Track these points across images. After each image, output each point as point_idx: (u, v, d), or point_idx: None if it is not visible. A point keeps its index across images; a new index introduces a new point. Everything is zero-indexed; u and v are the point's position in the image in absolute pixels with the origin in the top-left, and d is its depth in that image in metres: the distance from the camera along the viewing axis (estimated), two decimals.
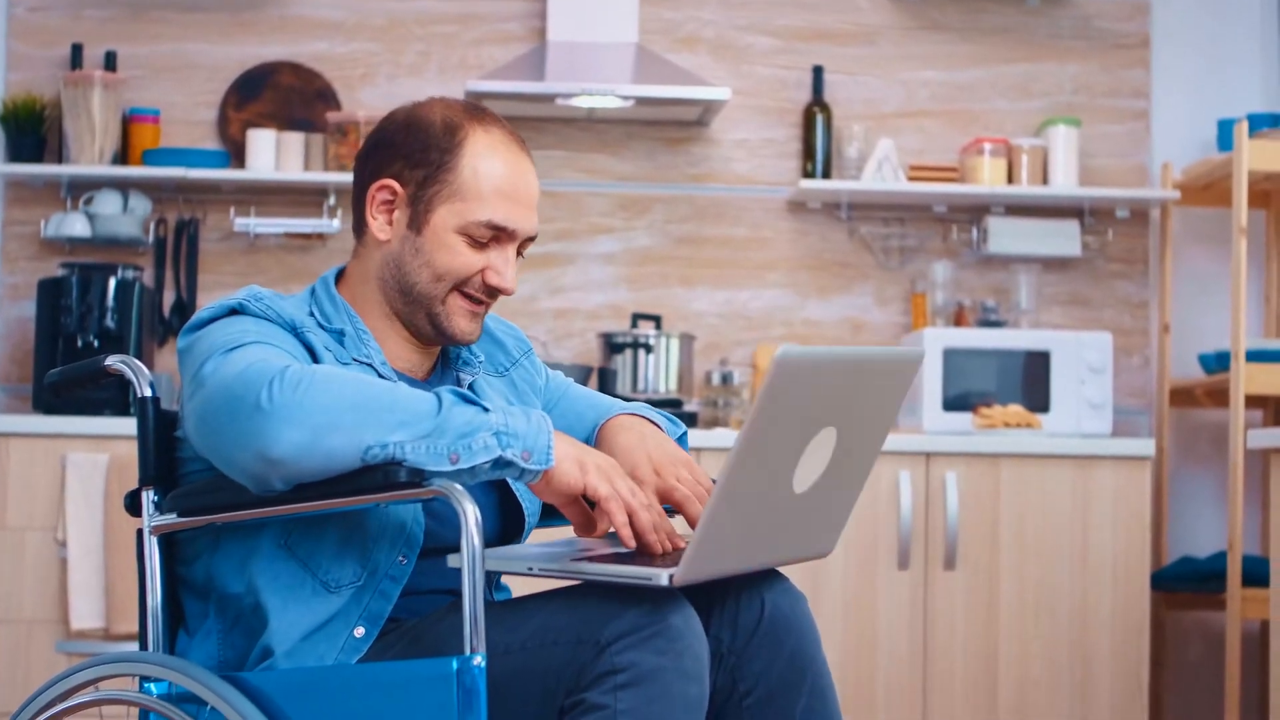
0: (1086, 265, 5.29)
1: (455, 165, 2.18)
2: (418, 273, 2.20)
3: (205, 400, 2.02)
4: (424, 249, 2.20)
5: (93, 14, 5.15)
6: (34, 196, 5.12)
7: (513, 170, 2.21)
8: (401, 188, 2.20)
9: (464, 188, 2.18)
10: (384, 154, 2.22)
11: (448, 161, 2.18)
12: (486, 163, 2.19)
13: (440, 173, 2.18)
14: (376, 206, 2.22)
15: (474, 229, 2.19)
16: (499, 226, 2.19)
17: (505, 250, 2.21)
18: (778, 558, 2.12)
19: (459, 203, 2.18)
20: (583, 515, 2.10)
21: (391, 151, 2.21)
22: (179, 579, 2.20)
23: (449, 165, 2.18)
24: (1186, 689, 5.20)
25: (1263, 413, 5.24)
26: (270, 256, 5.16)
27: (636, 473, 2.17)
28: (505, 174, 2.20)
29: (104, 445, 4.52)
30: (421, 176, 2.19)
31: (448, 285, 2.20)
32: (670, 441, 2.25)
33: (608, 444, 2.24)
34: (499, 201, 2.18)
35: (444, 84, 5.15)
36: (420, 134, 2.20)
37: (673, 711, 1.92)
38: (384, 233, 2.22)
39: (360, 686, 1.97)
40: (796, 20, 5.26)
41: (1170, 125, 5.34)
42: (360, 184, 2.24)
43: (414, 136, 2.20)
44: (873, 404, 2.08)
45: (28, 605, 4.49)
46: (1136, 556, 4.65)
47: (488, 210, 2.18)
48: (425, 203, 2.19)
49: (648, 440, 2.22)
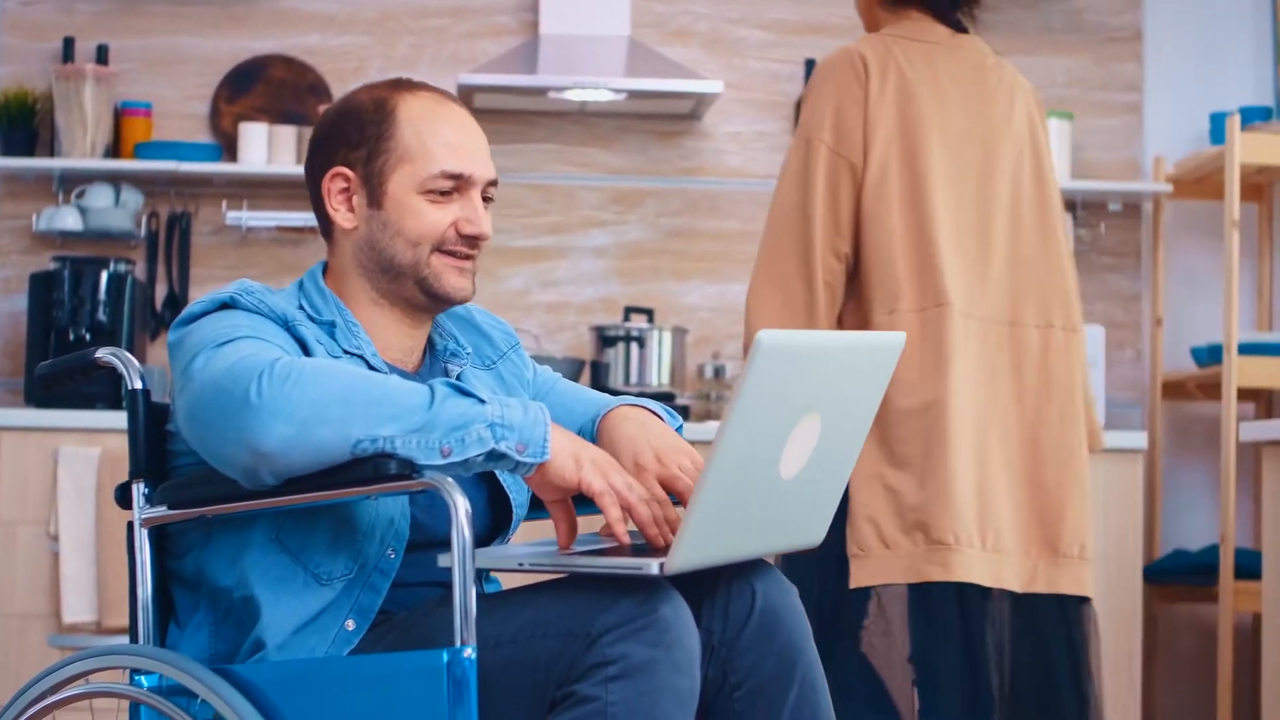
0: (1079, 258, 5.29)
1: (394, 133, 2.21)
2: (392, 245, 2.21)
3: (195, 395, 2.02)
4: (391, 221, 2.21)
5: (84, 7, 5.15)
6: (26, 190, 5.11)
7: (451, 122, 2.23)
8: (352, 171, 2.22)
9: (409, 149, 2.20)
10: (326, 148, 2.25)
11: (386, 131, 2.21)
12: (423, 121, 2.21)
13: (382, 143, 2.21)
14: (334, 198, 2.24)
15: (432, 183, 2.20)
16: (454, 174, 2.21)
17: (469, 198, 2.23)
18: (768, 546, 2.13)
19: (408, 164, 2.20)
20: (568, 521, 2.09)
21: (331, 144, 2.24)
22: (170, 572, 2.20)
23: (388, 134, 2.21)
24: (1179, 682, 5.21)
25: (1255, 406, 5.25)
26: (262, 250, 5.16)
27: (640, 460, 2.17)
28: (445, 126, 2.22)
29: (96, 439, 4.52)
30: (366, 155, 2.21)
31: (426, 248, 2.21)
32: (671, 431, 2.25)
33: (610, 435, 2.24)
34: (446, 152, 2.21)
35: (435, 77, 5.15)
36: (353, 118, 2.23)
37: (663, 703, 1.92)
38: (349, 221, 2.23)
39: (351, 679, 1.97)
40: (788, 13, 5.26)
41: (1162, 119, 5.34)
42: (314, 184, 2.26)
43: (348, 122, 2.23)
44: (856, 389, 2.09)
45: (19, 599, 4.49)
46: (1129, 549, 4.65)
47: (438, 162, 2.20)
48: (378, 177, 2.21)
49: (650, 430, 2.22)
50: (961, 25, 3.26)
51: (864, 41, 3.18)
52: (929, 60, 3.18)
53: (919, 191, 3.10)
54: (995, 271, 3.15)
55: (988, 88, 3.22)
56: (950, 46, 3.22)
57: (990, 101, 3.20)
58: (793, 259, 3.13)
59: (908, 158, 3.12)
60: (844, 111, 3.12)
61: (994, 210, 3.16)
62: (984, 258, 3.14)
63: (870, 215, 3.11)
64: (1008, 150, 3.20)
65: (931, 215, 3.09)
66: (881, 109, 3.11)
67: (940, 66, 3.18)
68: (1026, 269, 3.17)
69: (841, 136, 3.11)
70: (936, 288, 3.08)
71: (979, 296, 3.13)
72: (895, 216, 3.10)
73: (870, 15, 3.29)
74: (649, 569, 1.92)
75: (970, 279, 3.12)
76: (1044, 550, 3.16)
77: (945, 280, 3.07)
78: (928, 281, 3.08)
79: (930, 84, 3.15)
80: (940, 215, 3.10)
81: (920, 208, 3.10)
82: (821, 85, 3.15)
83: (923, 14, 3.23)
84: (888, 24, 3.24)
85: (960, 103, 3.17)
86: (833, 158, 3.11)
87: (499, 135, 5.17)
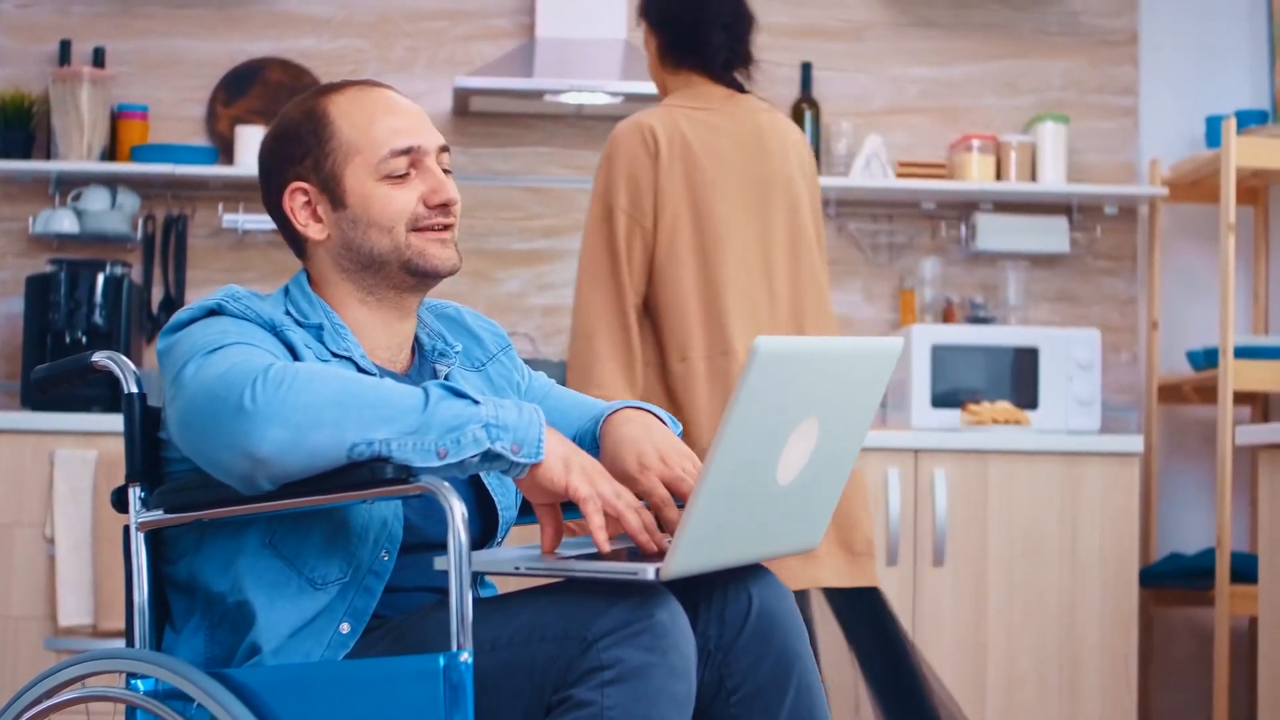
0: (1075, 262, 5.29)
1: (333, 133, 2.21)
2: (366, 236, 2.21)
3: (188, 403, 2.02)
4: (359, 215, 2.21)
5: (81, 10, 5.14)
6: (22, 193, 5.11)
7: (382, 104, 2.24)
8: (306, 182, 2.22)
9: (352, 142, 2.21)
10: (274, 172, 2.26)
11: (324, 134, 2.21)
12: (357, 112, 2.22)
13: (325, 146, 2.21)
14: (299, 213, 2.24)
15: (387, 166, 2.20)
16: (404, 149, 2.21)
17: (427, 169, 2.23)
18: (764, 551, 2.13)
19: (358, 156, 2.20)
20: (554, 525, 2.10)
21: (279, 165, 2.25)
22: (164, 577, 2.20)
23: (328, 135, 2.21)
24: (1175, 686, 5.21)
25: (1251, 409, 5.25)
26: (258, 253, 5.15)
27: (644, 460, 2.17)
28: (379, 110, 2.23)
29: (92, 442, 4.52)
30: (313, 163, 2.22)
31: (402, 231, 2.21)
32: (674, 435, 2.25)
33: (614, 434, 2.23)
34: (388, 133, 2.21)
35: (432, 80, 5.15)
36: (289, 133, 2.24)
37: (659, 708, 1.92)
38: (319, 232, 2.23)
39: (347, 683, 1.97)
40: (785, 16, 5.26)
41: (1158, 122, 5.35)
42: (276, 208, 2.26)
43: (286, 139, 2.24)
44: (853, 394, 2.09)
45: (15, 602, 4.49)
46: (1125, 553, 4.65)
47: (385, 143, 2.20)
48: (333, 178, 2.21)
49: (654, 432, 2.22)
50: (737, 84, 3.67)
51: (652, 114, 3.57)
52: (711, 126, 3.58)
53: (707, 250, 3.52)
54: (780, 314, 3.59)
55: (763, 144, 3.62)
56: (728, 109, 3.62)
57: (765, 157, 3.61)
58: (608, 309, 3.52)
59: (695, 218, 3.53)
60: (636, 179, 3.53)
61: (775, 259, 3.59)
62: (769, 302, 3.58)
63: (663, 271, 3.53)
64: (782, 200, 3.62)
65: (719, 271, 3.52)
66: (670, 176, 3.52)
67: (721, 130, 3.59)
68: (803, 306, 3.62)
69: (635, 202, 3.52)
70: (723, 337, 3.51)
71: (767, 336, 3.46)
72: (686, 272, 3.52)
73: (658, 79, 3.71)
74: (645, 574, 1.92)
75: (758, 324, 3.55)
76: (842, 551, 3.62)
77: (731, 330, 3.51)
78: (715, 332, 3.51)
79: (712, 148, 3.56)
80: (727, 270, 3.53)
81: (709, 265, 3.52)
82: (615, 155, 3.55)
83: (701, 77, 3.64)
84: (674, 87, 3.65)
85: (739, 162, 3.58)
86: (628, 221, 3.52)
87: (495, 138, 5.17)
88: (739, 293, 3.54)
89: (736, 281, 3.54)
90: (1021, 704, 4.60)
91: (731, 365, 3.49)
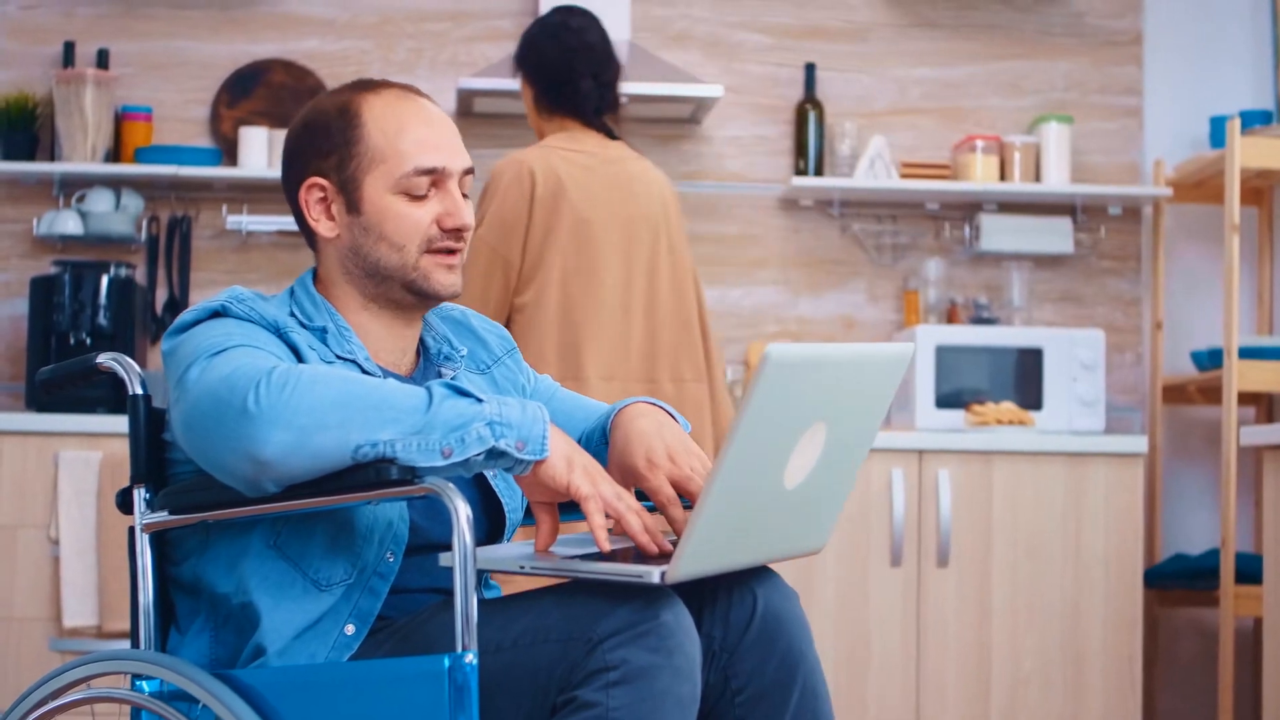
0: (1079, 262, 5.29)
1: (362, 136, 2.20)
2: (375, 250, 2.20)
3: (193, 405, 2.02)
4: (371, 225, 2.20)
5: (85, 12, 5.15)
6: (26, 194, 5.11)
7: (417, 116, 2.22)
8: (326, 180, 2.21)
9: (379, 150, 2.19)
10: (297, 160, 2.24)
11: (353, 135, 2.20)
12: (389, 120, 2.20)
13: (351, 148, 2.20)
14: (313, 209, 2.23)
15: (407, 183, 2.19)
16: (428, 169, 2.20)
17: (447, 191, 2.22)
18: (769, 554, 2.12)
19: (381, 165, 2.19)
20: (551, 523, 2.09)
21: (302, 155, 2.24)
22: (169, 578, 2.20)
23: (356, 138, 2.20)
24: (1179, 686, 5.21)
25: (1255, 410, 5.25)
26: (262, 254, 5.16)
27: (652, 457, 2.16)
28: (411, 122, 2.21)
29: (96, 443, 4.52)
30: (337, 161, 2.20)
31: (413, 250, 2.20)
32: (684, 433, 2.24)
33: (625, 428, 2.22)
34: (417, 148, 2.19)
35: (435, 81, 5.16)
36: (320, 126, 2.22)
37: (665, 709, 1.92)
38: (330, 230, 2.23)
39: (352, 684, 1.97)
40: (788, 17, 5.26)
41: (1162, 122, 5.35)
42: (292, 197, 2.26)
43: (315, 131, 2.23)
44: (863, 400, 2.08)
45: (20, 603, 4.49)
46: (1129, 554, 4.65)
47: (411, 159, 2.19)
48: (352, 182, 2.20)
49: (665, 429, 2.21)
50: (608, 129, 3.90)
51: (531, 154, 3.81)
52: (586, 168, 3.81)
53: (569, 283, 3.76)
54: (634, 342, 3.80)
55: (630, 187, 3.84)
56: (600, 155, 3.85)
57: (632, 199, 3.84)
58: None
59: (564, 254, 3.76)
60: (506, 217, 3.76)
61: (633, 292, 3.81)
62: (626, 331, 3.80)
63: (527, 302, 3.76)
64: (645, 237, 3.84)
65: (578, 302, 3.76)
66: (543, 211, 3.75)
67: (595, 172, 3.82)
68: (662, 334, 3.84)
69: (503, 238, 3.75)
70: (577, 362, 3.74)
71: (621, 362, 3.78)
72: (549, 303, 3.75)
73: (535, 124, 3.95)
74: (650, 577, 1.92)
75: (615, 351, 3.78)
76: None
77: (584, 357, 3.74)
78: (570, 357, 3.74)
79: (584, 189, 3.79)
80: (586, 301, 3.76)
81: (569, 297, 3.76)
82: (494, 192, 3.78)
83: (575, 122, 3.89)
84: (549, 131, 3.90)
85: (608, 204, 3.80)
86: (490, 254, 3.74)
87: (498, 139, 5.17)
88: (599, 322, 3.78)
89: (596, 312, 3.78)
90: (1026, 704, 4.59)
91: (583, 390, 3.69)
